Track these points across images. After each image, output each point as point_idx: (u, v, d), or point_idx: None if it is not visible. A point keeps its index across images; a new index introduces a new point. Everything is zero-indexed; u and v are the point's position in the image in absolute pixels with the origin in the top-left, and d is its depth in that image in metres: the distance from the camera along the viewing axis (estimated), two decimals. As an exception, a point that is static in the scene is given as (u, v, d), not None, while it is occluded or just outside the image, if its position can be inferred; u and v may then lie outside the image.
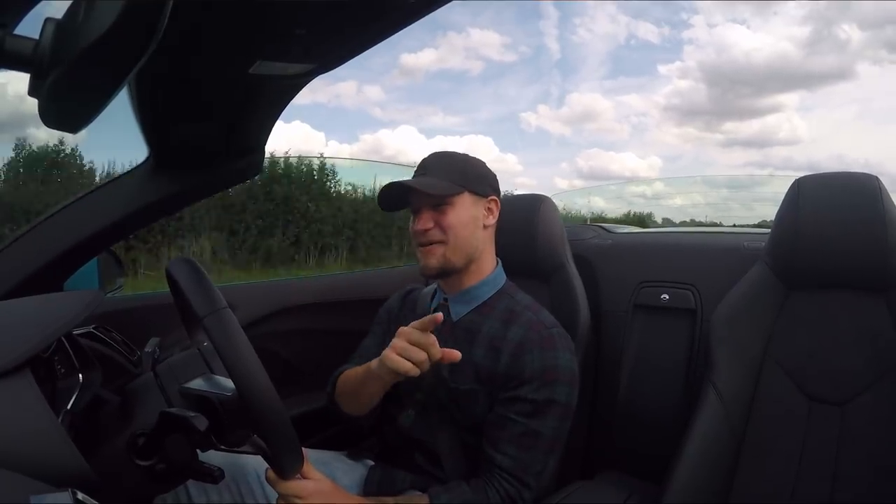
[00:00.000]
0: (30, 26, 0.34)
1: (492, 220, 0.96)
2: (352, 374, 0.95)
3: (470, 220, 0.92)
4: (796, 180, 1.01)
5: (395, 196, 0.94)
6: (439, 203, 0.91)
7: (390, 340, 1.04)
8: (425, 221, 0.91)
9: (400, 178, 0.96)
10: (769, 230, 1.06)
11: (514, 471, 0.84)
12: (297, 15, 0.55)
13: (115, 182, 0.98)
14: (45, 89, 0.33)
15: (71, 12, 0.32)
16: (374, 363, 0.83)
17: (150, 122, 0.83)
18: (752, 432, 0.96)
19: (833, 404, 0.93)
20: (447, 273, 0.94)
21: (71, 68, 0.31)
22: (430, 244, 0.91)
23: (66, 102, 0.35)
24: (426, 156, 0.97)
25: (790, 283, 0.99)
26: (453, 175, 0.92)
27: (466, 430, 0.92)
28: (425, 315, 0.99)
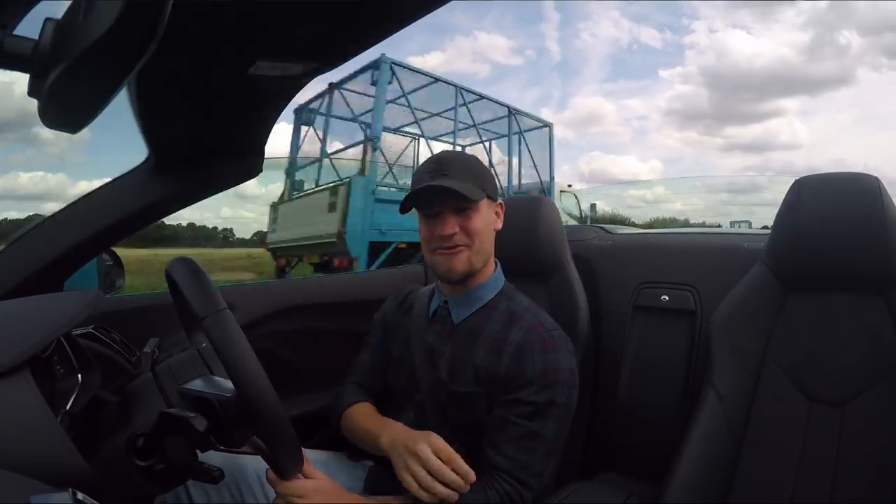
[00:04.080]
0: (30, 26, 0.33)
1: (500, 225, 0.97)
2: (361, 424, 0.94)
3: (489, 225, 0.93)
4: (796, 181, 1.00)
5: (424, 198, 0.90)
6: (465, 208, 0.89)
7: (387, 347, 1.04)
8: (451, 226, 0.89)
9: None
10: (769, 231, 1.06)
11: (515, 472, 0.84)
12: (297, 14, 0.55)
13: (115, 182, 0.98)
14: (44, 89, 0.33)
15: (71, 12, 0.32)
16: (384, 442, 0.85)
17: (150, 122, 0.83)
18: (751, 433, 0.96)
19: (833, 405, 0.92)
20: (469, 276, 0.93)
21: (71, 68, 0.31)
22: (456, 247, 0.90)
23: (66, 102, 0.35)
24: (440, 154, 0.95)
25: (790, 284, 0.99)
26: (475, 178, 0.90)
27: (466, 431, 0.92)
28: (423, 316, 0.99)
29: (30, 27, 0.33)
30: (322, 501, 0.75)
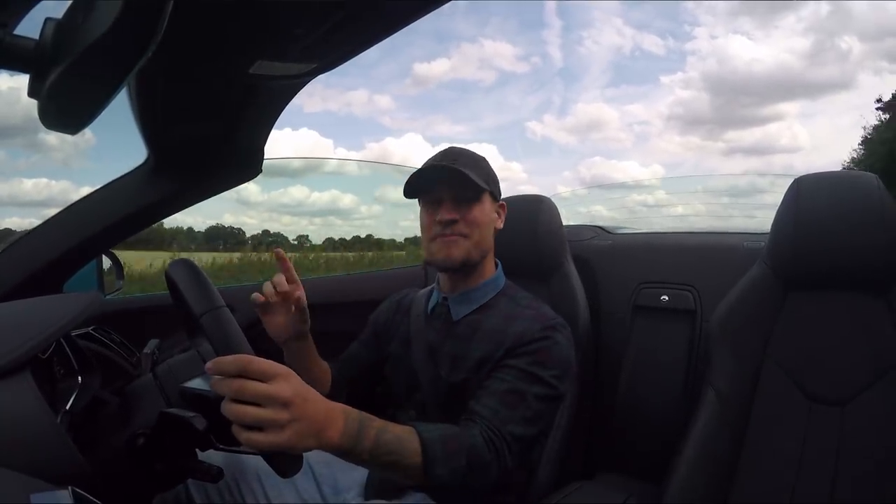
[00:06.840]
0: (30, 26, 0.33)
1: (500, 224, 0.98)
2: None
3: (489, 220, 0.94)
4: (796, 179, 1.00)
5: (425, 182, 0.91)
6: (469, 198, 0.90)
7: (381, 348, 1.04)
8: (451, 213, 0.89)
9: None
10: (769, 231, 1.06)
11: (494, 420, 0.79)
12: (297, 15, 0.55)
13: (115, 184, 0.98)
14: (44, 90, 0.33)
15: (71, 12, 0.32)
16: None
17: (150, 122, 0.83)
18: (751, 433, 0.95)
19: (832, 404, 0.92)
20: (467, 267, 0.92)
21: (71, 68, 0.31)
22: (455, 235, 0.90)
23: (66, 103, 0.35)
24: (450, 147, 0.96)
25: (789, 284, 0.99)
26: (481, 173, 0.92)
27: None
28: (422, 316, 0.99)
29: (30, 27, 0.33)
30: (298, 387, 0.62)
